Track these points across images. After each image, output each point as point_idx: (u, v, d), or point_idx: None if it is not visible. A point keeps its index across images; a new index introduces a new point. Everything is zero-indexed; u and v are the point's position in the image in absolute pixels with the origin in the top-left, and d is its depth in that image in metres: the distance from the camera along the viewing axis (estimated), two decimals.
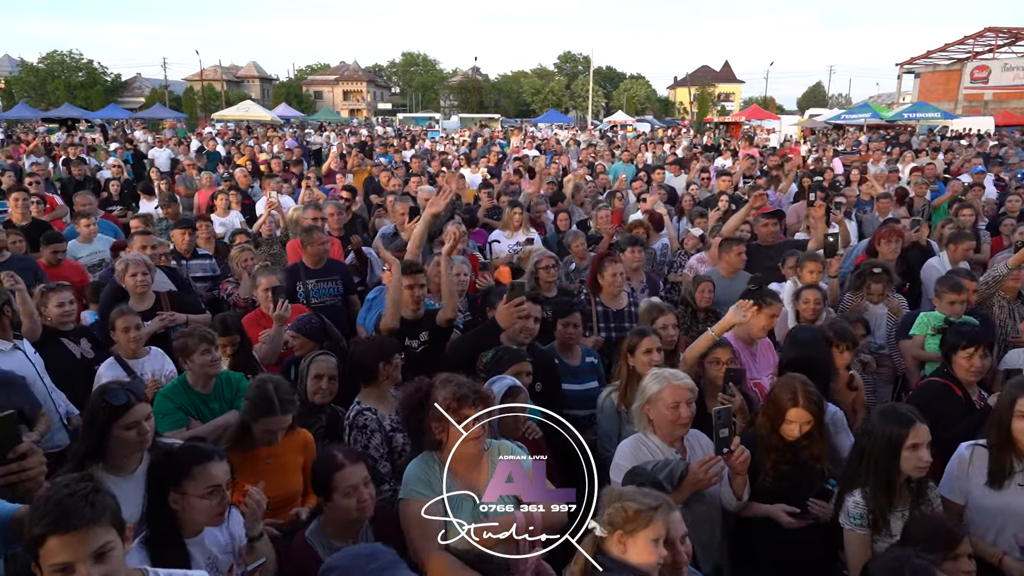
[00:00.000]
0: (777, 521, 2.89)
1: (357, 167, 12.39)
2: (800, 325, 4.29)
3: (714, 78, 70.55)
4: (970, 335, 3.49)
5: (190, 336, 3.51)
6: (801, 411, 2.93)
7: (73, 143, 18.23)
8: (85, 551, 1.68)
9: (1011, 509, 2.76)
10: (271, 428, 2.89)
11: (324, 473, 2.51)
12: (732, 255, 5.60)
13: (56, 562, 1.67)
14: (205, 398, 3.53)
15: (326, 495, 2.51)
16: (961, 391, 3.50)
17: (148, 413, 2.63)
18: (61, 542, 1.67)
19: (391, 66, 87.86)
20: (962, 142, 23.71)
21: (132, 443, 2.59)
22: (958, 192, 9.14)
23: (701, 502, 2.86)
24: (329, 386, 3.47)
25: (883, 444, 2.65)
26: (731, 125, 38.85)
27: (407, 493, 2.57)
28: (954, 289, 4.37)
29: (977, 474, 2.86)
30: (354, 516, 2.51)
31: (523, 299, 3.63)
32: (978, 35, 43.09)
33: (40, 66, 60.81)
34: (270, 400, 2.90)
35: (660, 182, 10.43)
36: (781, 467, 2.98)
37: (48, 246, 5.88)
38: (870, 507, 2.65)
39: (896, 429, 2.65)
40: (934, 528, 2.45)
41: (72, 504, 1.69)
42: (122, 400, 2.55)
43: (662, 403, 2.90)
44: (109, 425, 2.54)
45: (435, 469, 2.57)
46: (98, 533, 1.71)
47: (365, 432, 3.29)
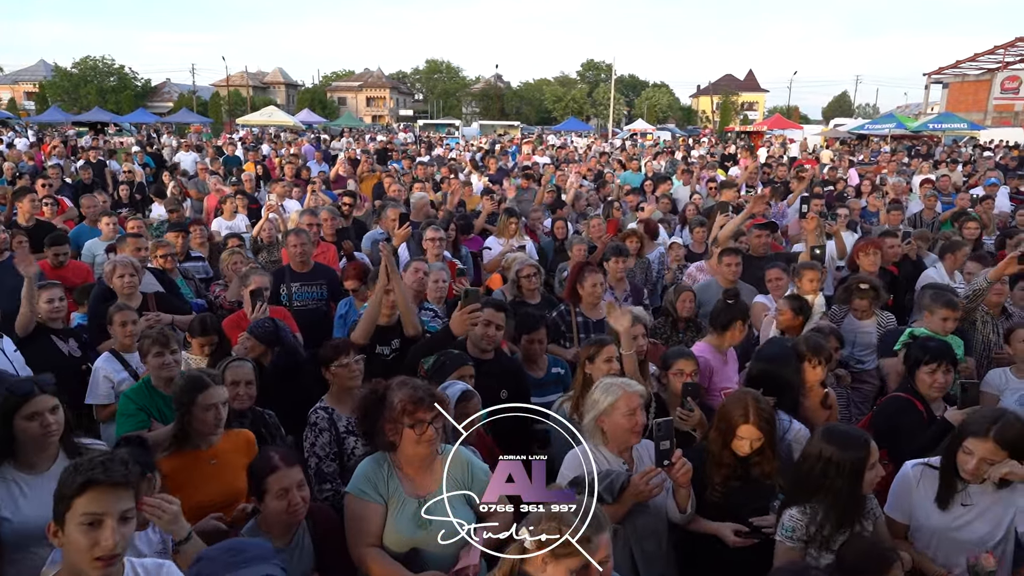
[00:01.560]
0: (723, 539, 2.86)
1: (367, 173, 12.53)
2: (771, 338, 4.24)
3: (738, 87, 70.05)
4: (933, 350, 3.43)
5: (146, 338, 3.57)
6: (751, 428, 2.89)
7: (96, 147, 18.61)
8: (117, 507, 1.89)
9: (947, 527, 2.72)
10: (211, 402, 2.91)
11: (258, 474, 2.54)
12: (724, 265, 5.56)
13: (88, 511, 1.86)
14: (168, 400, 3.54)
15: (259, 496, 2.54)
16: (923, 406, 3.44)
17: (53, 406, 2.63)
18: (98, 492, 1.87)
19: (414, 73, 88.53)
20: (986, 154, 23.26)
21: (35, 436, 2.58)
22: (965, 206, 8.97)
23: (646, 513, 2.84)
24: (247, 391, 3.46)
25: (848, 469, 2.60)
26: (753, 134, 38.55)
27: (352, 488, 2.64)
28: (948, 305, 4.22)
29: (923, 493, 2.81)
30: (284, 519, 2.53)
31: (477, 306, 3.64)
32: (1009, 45, 42.21)
33: (74, 71, 62.29)
34: (199, 378, 2.95)
35: (667, 192, 10.38)
36: (731, 482, 2.94)
37: (50, 248, 6.04)
38: (813, 523, 2.61)
39: (858, 453, 2.61)
40: (867, 551, 2.41)
41: (112, 464, 1.92)
42: (25, 390, 2.59)
43: (618, 412, 2.88)
44: (11, 416, 2.55)
45: (384, 469, 2.63)
46: (128, 496, 1.93)
47: (314, 429, 3.36)
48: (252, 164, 14.46)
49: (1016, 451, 2.63)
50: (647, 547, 2.82)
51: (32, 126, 36.31)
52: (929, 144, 27.85)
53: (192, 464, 2.85)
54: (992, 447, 2.62)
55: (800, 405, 3.57)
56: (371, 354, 3.87)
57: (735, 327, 4.32)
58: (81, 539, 1.87)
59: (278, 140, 27.85)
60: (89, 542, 1.86)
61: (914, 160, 18.60)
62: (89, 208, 7.74)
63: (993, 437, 2.62)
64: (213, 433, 2.95)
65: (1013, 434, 2.63)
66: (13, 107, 51.14)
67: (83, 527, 1.86)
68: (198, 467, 2.87)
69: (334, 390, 3.49)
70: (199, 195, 11.22)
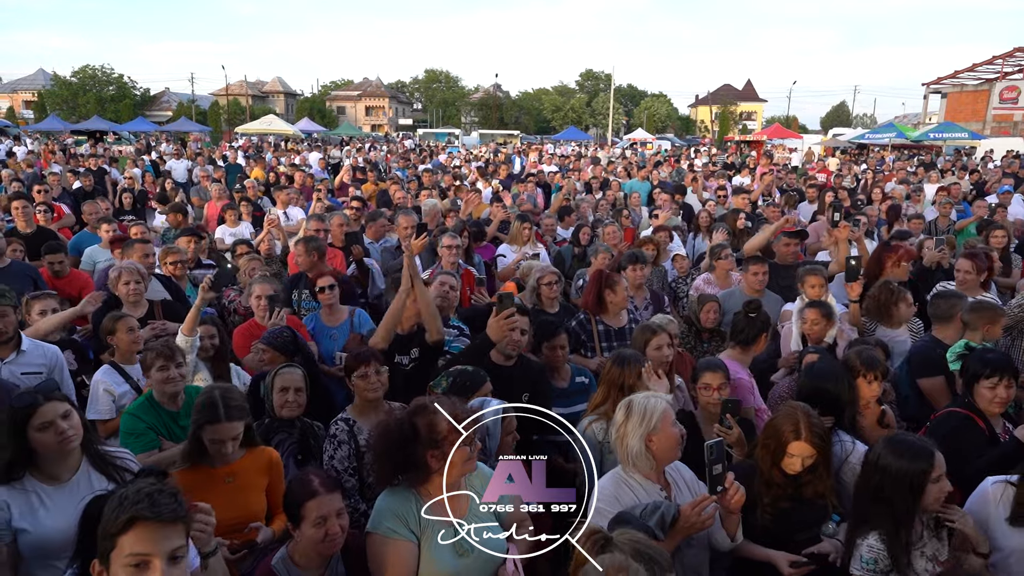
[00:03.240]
0: (778, 568, 2.64)
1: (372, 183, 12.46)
2: (813, 351, 4.00)
3: (736, 97, 70.16)
4: (994, 363, 3.20)
5: (149, 351, 3.37)
6: (804, 444, 2.69)
7: (96, 155, 18.45)
8: (166, 546, 1.69)
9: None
10: (218, 437, 2.71)
11: (296, 499, 2.35)
12: (750, 275, 5.39)
13: (135, 551, 1.66)
14: (175, 416, 3.37)
15: (295, 522, 2.35)
16: (984, 423, 3.21)
17: (64, 412, 2.50)
18: (145, 530, 1.67)
19: (413, 82, 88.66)
20: (990, 163, 23.20)
21: (52, 446, 2.47)
22: (984, 214, 8.81)
23: (691, 546, 2.61)
24: (296, 398, 3.29)
25: (904, 481, 2.44)
26: (752, 144, 38.59)
27: (379, 528, 2.35)
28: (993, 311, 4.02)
29: (1003, 512, 2.63)
30: (319, 549, 2.33)
31: (513, 311, 3.46)
32: (1007, 55, 42.40)
33: (73, 80, 62.19)
34: (215, 406, 2.73)
35: (680, 202, 10.25)
36: (781, 504, 2.74)
37: (46, 257, 5.84)
38: (888, 550, 2.42)
39: (918, 464, 2.45)
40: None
41: (161, 498, 1.72)
42: (28, 400, 2.46)
43: (667, 423, 2.66)
44: (23, 429, 2.45)
45: (412, 503, 2.37)
46: (179, 533, 1.73)
47: (333, 442, 3.17)
48: (260, 171, 14.34)
49: None
50: None
51: (32, 135, 36.16)
52: (931, 154, 27.84)
53: (206, 481, 2.65)
54: None
55: (856, 425, 3.32)
56: (390, 364, 3.65)
57: (761, 340, 4.16)
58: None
59: (279, 149, 27.71)
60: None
61: (919, 169, 18.52)
62: (91, 215, 7.54)
63: None
64: (224, 460, 2.75)
65: None
66: (12, 116, 50.98)
67: (129, 568, 1.67)
68: (212, 485, 2.67)
69: (357, 401, 3.29)
70: (200, 202, 11.08)
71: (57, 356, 4.04)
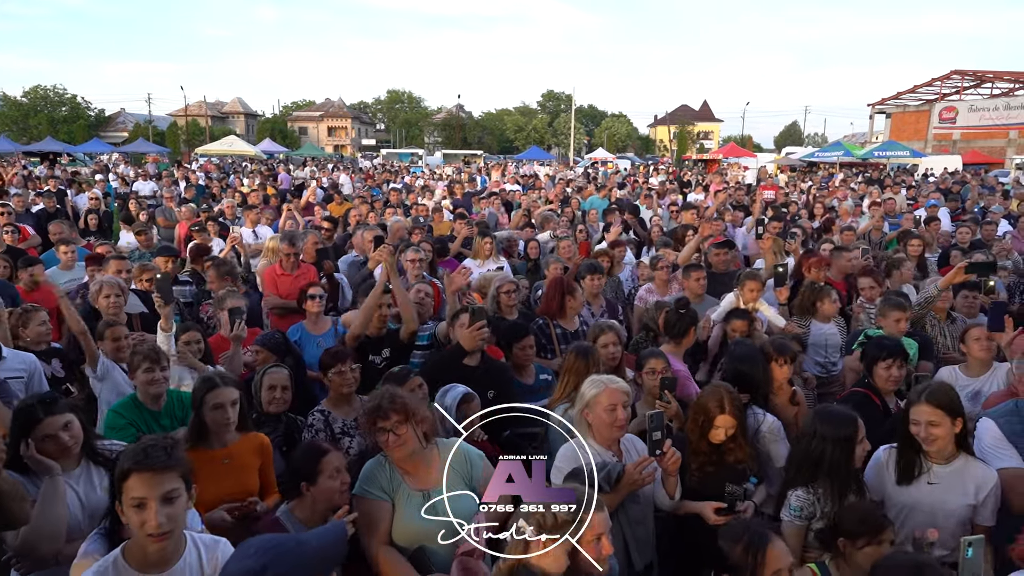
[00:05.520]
0: (704, 518, 3.08)
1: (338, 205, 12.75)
2: (738, 339, 4.53)
3: (693, 117, 72.26)
4: (888, 347, 3.77)
5: (136, 353, 3.65)
6: (728, 417, 3.19)
7: (53, 176, 18.30)
8: (157, 491, 2.04)
9: (915, 504, 2.99)
10: (219, 401, 3.05)
11: (311, 457, 2.76)
12: (691, 281, 5.86)
13: (133, 496, 2.04)
14: (156, 415, 3.64)
15: (312, 479, 2.73)
16: (879, 400, 3.75)
17: (65, 423, 2.73)
18: (140, 479, 2.04)
19: (376, 103, 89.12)
20: (929, 179, 24.53)
21: (53, 454, 2.70)
22: (910, 226, 9.56)
23: (636, 502, 3.03)
24: (283, 395, 3.63)
25: (839, 444, 2.92)
26: (709, 162, 39.84)
27: (358, 490, 2.80)
28: (898, 307, 4.64)
29: (890, 473, 3.09)
30: (335, 500, 2.72)
31: (484, 323, 3.84)
32: (945, 77, 44.70)
33: (23, 100, 61.00)
34: (211, 378, 3.16)
35: (631, 221, 10.76)
36: (707, 468, 3.22)
37: (25, 269, 6.00)
38: (815, 501, 2.88)
39: (847, 429, 2.94)
40: (863, 516, 2.66)
41: (153, 451, 2.08)
42: (28, 415, 2.69)
43: (599, 406, 3.08)
44: (26, 437, 2.67)
45: (385, 468, 2.80)
46: (169, 478, 2.08)
47: (311, 430, 3.55)
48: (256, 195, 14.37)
49: (950, 409, 2.93)
50: (638, 533, 3.02)
51: None
52: (878, 171, 29.24)
53: (206, 462, 2.94)
54: (928, 409, 2.93)
55: (770, 402, 3.88)
56: (364, 363, 4.03)
57: (691, 333, 4.66)
58: (133, 518, 2.06)
59: (240, 170, 27.71)
60: (139, 521, 2.05)
61: (861, 185, 19.57)
62: (58, 234, 7.69)
63: (926, 400, 2.95)
64: (224, 431, 3.08)
65: (941, 394, 2.97)
66: None
67: (132, 508, 2.05)
68: (211, 465, 2.97)
69: (331, 394, 3.68)
70: (167, 223, 11.18)
71: (35, 363, 4.25)
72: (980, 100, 44.17)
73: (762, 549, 2.26)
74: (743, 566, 2.26)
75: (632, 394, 3.31)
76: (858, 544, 2.55)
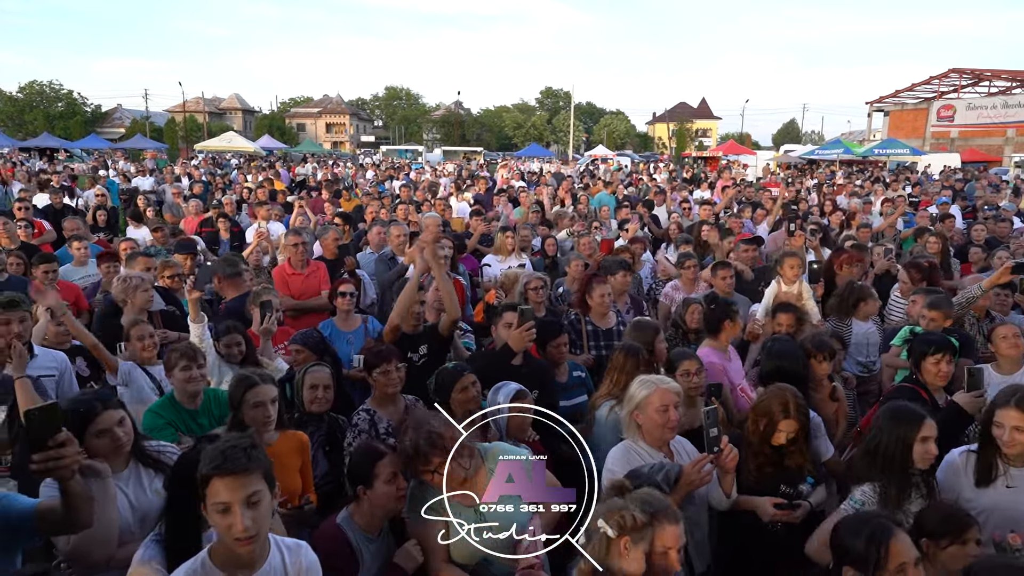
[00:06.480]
0: (760, 514, 3.03)
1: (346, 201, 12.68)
2: (775, 336, 4.48)
3: (692, 114, 72.14)
4: (937, 342, 3.74)
5: (173, 351, 3.60)
6: (792, 421, 3.12)
7: (56, 171, 18.17)
8: (241, 494, 1.98)
9: (994, 507, 2.93)
10: (259, 399, 3.00)
11: (367, 462, 2.66)
12: (718, 279, 5.82)
13: (217, 501, 1.99)
14: (193, 414, 3.59)
15: (368, 483, 2.64)
16: (928, 395, 3.72)
17: (120, 418, 2.68)
18: (223, 483, 1.98)
19: (374, 99, 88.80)
20: (933, 177, 24.55)
21: (106, 451, 2.64)
22: (927, 223, 9.53)
23: (692, 503, 2.96)
24: (325, 395, 3.57)
25: (897, 441, 2.86)
26: (708, 160, 39.82)
27: (408, 513, 2.72)
28: (931, 307, 4.57)
29: (967, 476, 3.03)
30: (392, 505, 2.63)
31: (533, 324, 3.75)
32: (943, 76, 44.79)
33: (19, 96, 60.55)
34: (248, 377, 3.10)
35: (647, 217, 10.72)
36: (765, 469, 3.15)
37: (40, 266, 5.92)
38: (881, 500, 2.81)
39: (908, 427, 2.87)
40: (946, 516, 2.61)
41: (233, 454, 2.01)
42: (90, 408, 2.62)
43: (651, 407, 3.03)
44: (81, 433, 2.57)
45: (431, 488, 2.61)
46: (252, 481, 2.01)
47: (354, 430, 3.46)
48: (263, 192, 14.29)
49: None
50: (696, 536, 2.96)
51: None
52: (879, 168, 29.25)
53: None
54: (1017, 414, 2.86)
55: (811, 398, 3.80)
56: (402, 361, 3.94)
57: (725, 326, 4.55)
58: (219, 523, 2.02)
59: (243, 167, 27.56)
60: (225, 525, 2.00)
61: (867, 183, 19.56)
62: (74, 230, 7.60)
63: (1015, 404, 2.87)
64: (264, 430, 3.01)
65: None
66: None
67: (217, 513, 2.01)
68: None
69: (376, 394, 3.59)
70: (174, 219, 11.10)
71: (66, 361, 4.21)
72: (978, 98, 44.26)
73: (886, 542, 2.20)
74: (866, 559, 2.19)
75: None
76: (942, 544, 2.51)
